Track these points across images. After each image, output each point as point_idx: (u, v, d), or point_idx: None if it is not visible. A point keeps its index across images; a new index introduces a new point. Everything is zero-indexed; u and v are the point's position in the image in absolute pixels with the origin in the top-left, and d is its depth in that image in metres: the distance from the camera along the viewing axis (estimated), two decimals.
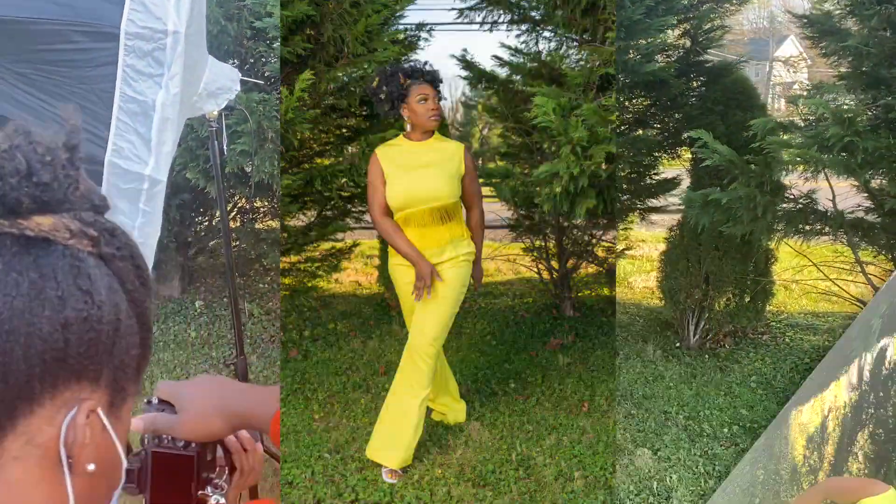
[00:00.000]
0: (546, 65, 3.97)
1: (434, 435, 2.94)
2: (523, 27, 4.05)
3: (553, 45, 4.05)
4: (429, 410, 3.06)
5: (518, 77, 4.22)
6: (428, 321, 2.57)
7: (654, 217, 4.99)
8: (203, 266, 5.23)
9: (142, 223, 2.00)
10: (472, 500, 2.49)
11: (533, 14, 3.97)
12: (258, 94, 3.71)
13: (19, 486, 0.54)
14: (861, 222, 3.30)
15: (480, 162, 11.30)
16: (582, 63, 3.69)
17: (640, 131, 4.23)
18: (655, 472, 2.78)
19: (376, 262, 5.06)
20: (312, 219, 4.46)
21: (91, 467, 0.57)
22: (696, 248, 3.91)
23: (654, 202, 4.63)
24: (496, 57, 4.19)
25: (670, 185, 4.54)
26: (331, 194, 4.01)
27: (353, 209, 4.57)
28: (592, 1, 3.41)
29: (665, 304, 4.20)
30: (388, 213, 2.61)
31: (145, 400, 0.88)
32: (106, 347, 0.58)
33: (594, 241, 4.53)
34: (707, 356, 3.93)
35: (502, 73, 4.32)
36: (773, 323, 4.46)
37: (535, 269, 4.72)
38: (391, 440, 2.62)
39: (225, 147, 2.75)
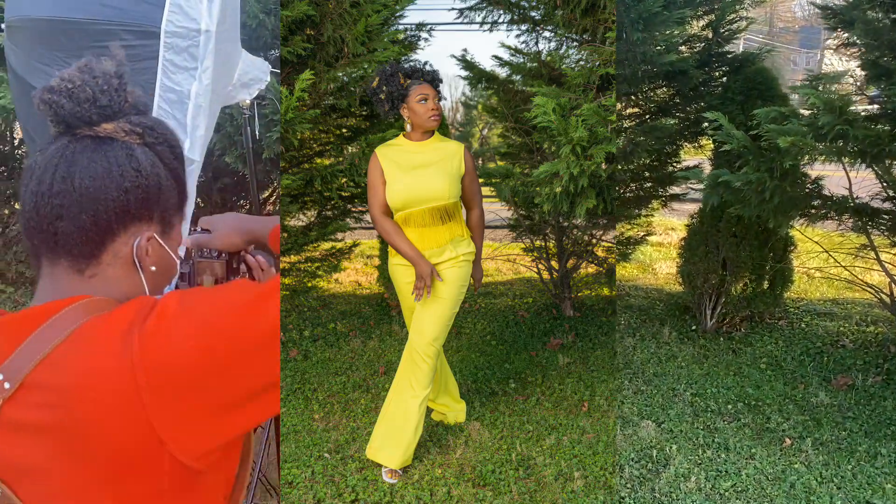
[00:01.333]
0: (546, 65, 3.97)
1: (434, 435, 2.94)
2: (523, 27, 4.05)
3: (553, 45, 4.05)
4: (429, 410, 3.06)
5: (518, 77, 4.21)
6: (428, 321, 2.57)
7: (686, 206, 5.00)
8: None
9: None
10: (472, 500, 2.49)
11: (533, 14, 3.96)
12: None
13: (115, 279, 0.94)
14: (866, 207, 3.31)
15: (480, 162, 11.31)
16: (582, 63, 3.69)
17: (662, 119, 4.24)
18: (657, 442, 2.86)
19: (376, 262, 5.06)
20: (312, 219, 4.46)
21: (153, 268, 0.97)
22: (715, 234, 3.95)
23: (674, 189, 4.64)
24: (496, 57, 4.19)
25: (691, 172, 4.54)
26: (331, 194, 4.00)
27: (353, 209, 4.56)
28: (592, 1, 3.41)
29: (684, 288, 4.23)
30: (388, 212, 2.61)
31: (193, 228, 1.36)
32: (153, 200, 0.95)
33: (594, 241, 4.53)
34: (722, 339, 3.98)
35: (502, 73, 4.32)
36: (792, 309, 4.48)
37: (535, 269, 4.72)
38: (391, 440, 2.62)
39: (258, 132, 2.99)
